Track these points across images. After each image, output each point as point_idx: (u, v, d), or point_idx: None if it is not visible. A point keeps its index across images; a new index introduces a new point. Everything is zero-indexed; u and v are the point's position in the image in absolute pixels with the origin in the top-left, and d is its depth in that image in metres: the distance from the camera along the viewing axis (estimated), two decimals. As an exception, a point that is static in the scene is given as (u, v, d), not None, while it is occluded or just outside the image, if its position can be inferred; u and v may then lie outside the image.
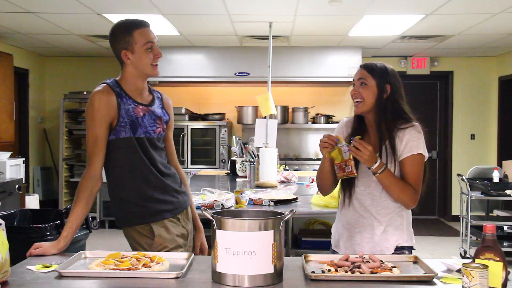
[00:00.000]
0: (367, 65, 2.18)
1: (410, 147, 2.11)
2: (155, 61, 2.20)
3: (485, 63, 7.60)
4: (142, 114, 2.20)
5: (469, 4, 4.59)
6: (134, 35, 2.15)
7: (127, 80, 2.22)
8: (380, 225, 2.15)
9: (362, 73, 2.16)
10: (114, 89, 2.18)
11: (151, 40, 2.18)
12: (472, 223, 5.31)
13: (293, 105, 7.33)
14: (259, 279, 1.61)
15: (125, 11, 4.91)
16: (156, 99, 2.33)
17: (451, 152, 7.67)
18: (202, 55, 6.88)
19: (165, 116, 2.32)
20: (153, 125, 2.24)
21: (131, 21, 2.20)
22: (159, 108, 2.31)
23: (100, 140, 2.17)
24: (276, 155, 4.32)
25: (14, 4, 4.64)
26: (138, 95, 2.24)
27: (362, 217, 2.17)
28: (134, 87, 2.22)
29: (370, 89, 2.13)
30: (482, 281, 1.49)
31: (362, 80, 2.14)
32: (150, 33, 2.19)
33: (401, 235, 2.16)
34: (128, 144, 2.17)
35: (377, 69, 2.15)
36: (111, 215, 6.83)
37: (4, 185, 5.16)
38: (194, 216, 2.45)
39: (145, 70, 2.19)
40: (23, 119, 7.14)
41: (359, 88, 2.15)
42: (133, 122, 2.17)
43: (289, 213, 1.72)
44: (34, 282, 1.66)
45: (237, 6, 4.73)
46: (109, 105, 2.14)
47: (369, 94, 2.13)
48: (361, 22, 5.36)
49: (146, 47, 2.16)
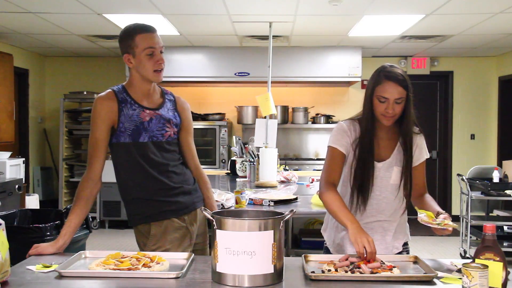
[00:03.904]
0: (402, 82, 2.03)
1: (423, 153, 2.20)
2: (157, 67, 2.19)
3: (485, 63, 7.59)
4: (149, 118, 2.21)
5: (469, 4, 4.59)
6: (135, 39, 2.16)
7: (132, 84, 2.24)
8: (392, 226, 2.18)
9: (400, 92, 2.02)
10: (118, 96, 2.20)
11: (152, 46, 2.16)
12: (472, 223, 5.31)
13: (293, 105, 7.32)
14: (259, 279, 1.61)
15: (125, 11, 4.91)
16: (167, 102, 2.32)
17: (451, 152, 7.67)
18: (202, 55, 6.87)
19: (176, 119, 2.31)
20: (161, 128, 2.24)
21: (135, 25, 2.20)
22: (170, 111, 2.31)
23: (100, 143, 2.19)
24: (276, 155, 4.33)
25: (14, 4, 4.64)
26: (144, 99, 2.24)
27: (376, 221, 2.16)
28: (140, 91, 2.24)
29: (404, 104, 2.05)
30: (482, 281, 1.49)
31: (400, 100, 2.03)
32: (153, 39, 2.18)
33: (406, 233, 2.24)
34: (127, 149, 2.20)
35: (409, 84, 2.05)
36: (111, 215, 6.84)
37: (4, 185, 5.16)
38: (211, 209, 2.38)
39: (147, 75, 2.20)
40: (23, 119, 7.14)
41: (395, 106, 2.02)
42: (137, 127, 2.19)
43: (289, 213, 1.72)
44: (34, 282, 1.66)
45: (237, 6, 4.73)
46: (109, 110, 2.17)
47: (402, 108, 2.06)
48: (361, 22, 5.36)
49: (146, 53, 2.16)
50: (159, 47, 2.18)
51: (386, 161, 2.13)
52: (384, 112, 2.03)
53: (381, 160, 2.13)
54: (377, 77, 2.06)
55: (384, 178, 2.12)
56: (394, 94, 2.01)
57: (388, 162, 2.12)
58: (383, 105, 2.03)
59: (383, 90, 2.02)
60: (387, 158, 2.13)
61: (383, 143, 2.14)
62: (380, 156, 2.13)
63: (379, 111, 2.05)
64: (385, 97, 2.02)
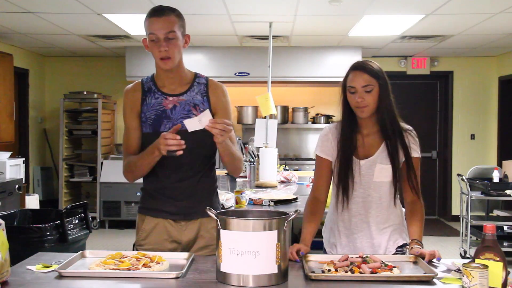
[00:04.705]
0: (368, 70, 2.05)
1: (414, 150, 2.11)
2: (160, 55, 2.06)
3: (485, 63, 7.59)
4: (172, 106, 2.13)
5: (469, 4, 4.59)
6: (146, 23, 2.09)
7: (156, 70, 2.19)
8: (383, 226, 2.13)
9: (366, 79, 2.03)
10: (145, 85, 2.18)
11: (153, 32, 2.04)
12: (472, 223, 5.31)
13: (293, 105, 7.32)
14: (264, 279, 1.61)
15: (125, 11, 4.92)
16: (196, 86, 2.19)
17: (451, 152, 7.66)
18: (202, 55, 6.87)
19: (204, 104, 2.16)
20: (186, 116, 2.10)
21: (152, 8, 2.11)
22: (199, 95, 2.18)
23: (130, 131, 2.16)
24: (276, 155, 4.33)
25: (14, 4, 4.64)
26: (168, 85, 2.16)
27: (364, 220, 2.13)
28: (161, 77, 2.17)
29: (375, 93, 2.04)
30: (482, 281, 1.49)
31: (368, 87, 2.03)
32: (156, 24, 2.04)
33: (400, 234, 2.16)
34: (148, 140, 2.10)
35: (378, 72, 2.06)
36: (111, 215, 6.83)
37: (4, 185, 5.16)
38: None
39: (156, 62, 2.11)
40: (23, 119, 7.14)
41: (364, 95, 2.03)
42: (158, 116, 2.12)
43: (293, 213, 1.71)
44: (34, 282, 1.66)
45: (237, 6, 4.73)
46: (133, 100, 2.16)
47: (375, 98, 2.04)
48: (361, 22, 5.36)
49: (150, 38, 2.07)
50: (162, 33, 2.04)
51: (370, 159, 2.10)
52: (355, 103, 2.05)
53: (365, 157, 2.11)
54: (347, 72, 2.12)
55: (366, 176, 2.10)
56: (360, 82, 2.04)
57: (372, 159, 2.10)
58: (354, 96, 2.05)
59: (350, 80, 2.07)
60: (372, 155, 2.11)
61: (368, 141, 2.12)
62: (365, 153, 2.12)
63: (353, 104, 2.07)
64: (352, 86, 2.06)
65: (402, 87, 7.69)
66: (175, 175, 2.14)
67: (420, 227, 2.06)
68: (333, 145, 2.14)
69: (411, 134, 2.14)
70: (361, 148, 2.12)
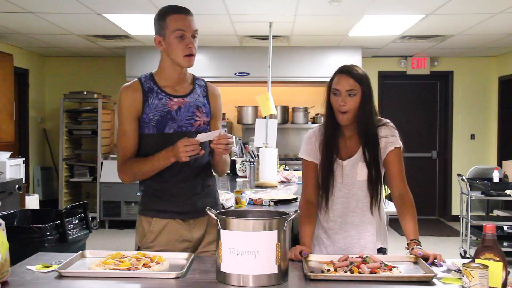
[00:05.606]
0: (354, 75, 2.07)
1: (391, 143, 2.12)
2: (187, 51, 2.05)
3: (485, 63, 7.59)
4: (177, 107, 2.12)
5: (469, 4, 4.59)
6: (167, 20, 2.06)
7: (162, 70, 2.15)
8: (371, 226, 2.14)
9: (351, 84, 2.05)
10: (145, 85, 2.13)
11: (182, 28, 2.04)
12: (472, 223, 5.31)
13: (293, 105, 7.32)
14: (264, 279, 1.61)
15: (125, 11, 4.92)
16: (197, 88, 2.21)
17: (451, 152, 7.66)
18: (202, 55, 6.87)
19: (206, 106, 2.18)
20: (191, 118, 2.13)
21: (170, 6, 2.10)
22: (201, 97, 2.19)
23: (128, 134, 2.12)
24: (276, 155, 4.33)
25: (14, 4, 4.64)
26: (174, 86, 2.15)
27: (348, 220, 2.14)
28: (169, 77, 2.14)
29: (358, 98, 2.07)
30: (482, 281, 1.49)
31: (352, 92, 2.05)
32: (184, 21, 2.05)
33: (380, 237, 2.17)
34: (151, 141, 2.11)
35: (363, 77, 2.08)
36: (111, 215, 6.83)
37: (4, 185, 5.16)
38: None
39: (177, 60, 2.08)
40: (23, 119, 7.14)
41: (347, 99, 2.05)
42: (163, 118, 2.10)
43: (293, 213, 1.72)
44: (34, 282, 1.66)
45: (237, 6, 4.73)
46: (133, 100, 2.10)
47: (356, 103, 2.06)
48: (361, 22, 5.36)
49: (176, 35, 2.05)
50: (190, 30, 2.05)
51: (352, 158, 2.13)
52: (337, 106, 2.06)
53: (347, 158, 2.14)
54: (333, 74, 2.14)
55: (350, 176, 2.12)
56: (345, 85, 2.06)
57: (354, 159, 2.13)
58: (337, 98, 2.07)
59: (336, 83, 2.10)
60: (353, 155, 2.14)
61: (349, 142, 2.15)
62: (347, 154, 2.15)
63: (335, 107, 2.09)
64: (337, 88, 2.08)
65: (402, 87, 7.69)
66: (179, 175, 2.14)
67: (414, 223, 2.04)
68: (316, 147, 2.18)
69: (388, 126, 2.15)
70: (344, 149, 2.15)
